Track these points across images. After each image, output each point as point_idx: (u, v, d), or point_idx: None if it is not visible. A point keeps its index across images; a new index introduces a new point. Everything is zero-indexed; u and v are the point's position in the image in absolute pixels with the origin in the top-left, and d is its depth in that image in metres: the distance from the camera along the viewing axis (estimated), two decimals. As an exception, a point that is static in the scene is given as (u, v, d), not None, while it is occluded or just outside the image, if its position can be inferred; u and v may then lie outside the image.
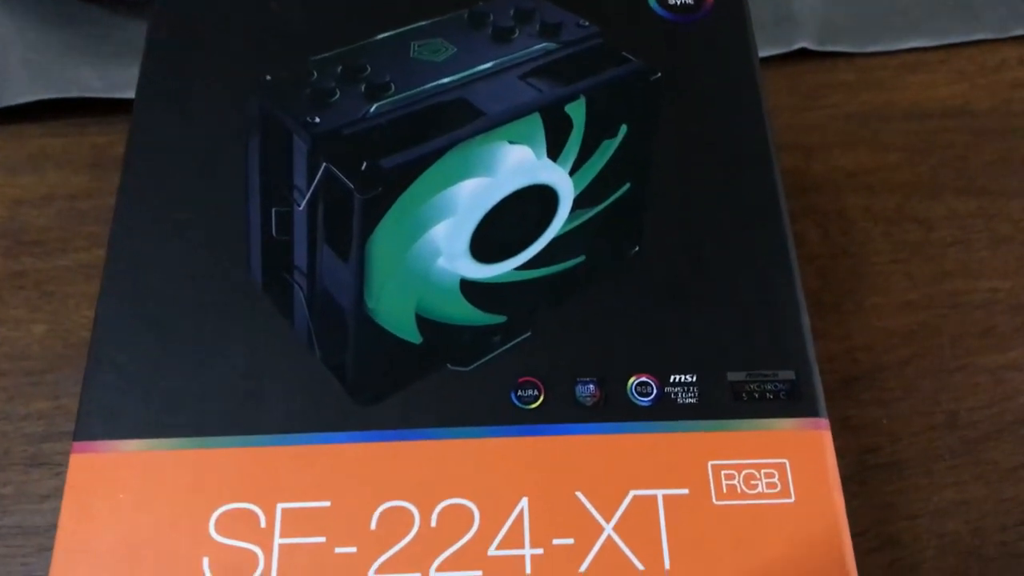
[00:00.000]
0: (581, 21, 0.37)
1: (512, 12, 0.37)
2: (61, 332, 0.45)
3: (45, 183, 0.49)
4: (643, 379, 0.32)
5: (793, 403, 0.31)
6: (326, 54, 0.36)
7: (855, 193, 0.47)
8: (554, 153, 0.35)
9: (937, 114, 0.50)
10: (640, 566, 0.29)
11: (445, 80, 0.35)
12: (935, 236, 0.46)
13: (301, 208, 0.33)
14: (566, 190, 0.34)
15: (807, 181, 0.47)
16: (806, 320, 0.33)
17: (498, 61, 0.36)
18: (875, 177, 0.48)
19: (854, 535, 0.33)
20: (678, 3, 0.39)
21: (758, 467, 0.30)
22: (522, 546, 0.29)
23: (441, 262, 0.33)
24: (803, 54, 0.52)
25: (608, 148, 0.35)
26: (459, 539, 0.29)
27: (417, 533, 0.29)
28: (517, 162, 0.34)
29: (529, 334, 0.32)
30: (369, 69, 0.35)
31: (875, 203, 0.47)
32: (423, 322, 0.33)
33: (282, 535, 0.29)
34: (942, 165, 0.48)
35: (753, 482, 0.30)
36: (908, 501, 0.39)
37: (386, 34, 0.37)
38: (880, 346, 0.42)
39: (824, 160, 0.48)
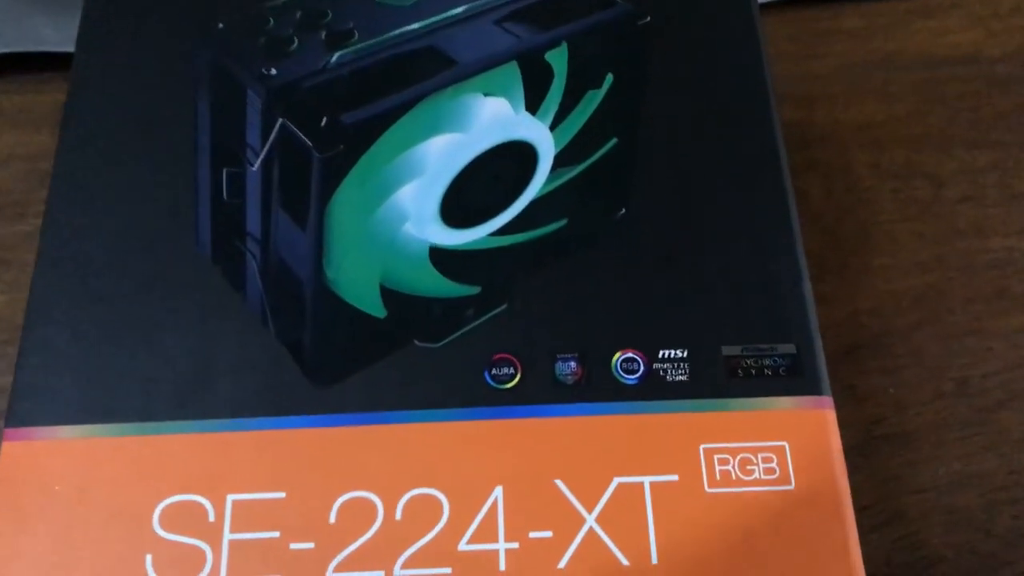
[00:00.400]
0: (563, -40, 0.35)
1: (487, -49, 0.34)
2: (20, 302, 0.41)
3: (2, 143, 0.46)
4: (629, 355, 0.30)
5: (793, 379, 0.29)
6: (284, -1, 0.34)
7: (861, 147, 0.45)
8: (533, 106, 0.33)
9: (949, 62, 0.48)
10: (625, 561, 0.27)
11: (413, 26, 0.33)
12: (946, 192, 0.44)
13: (255, 169, 0.31)
14: (546, 147, 0.33)
15: (810, 135, 0.45)
16: (808, 288, 0.31)
17: (471, 5, 0.33)
18: (882, 130, 0.46)
19: (858, 510, 0.32)
20: (670, -59, 0.36)
21: (755, 451, 0.28)
22: (496, 540, 0.27)
23: (408, 228, 0.31)
24: (806, -1, 0.48)
25: (592, 100, 0.33)
26: (427, 533, 0.27)
27: (380, 527, 0.27)
28: (492, 116, 0.32)
29: (505, 307, 0.30)
30: (330, 15, 0.33)
31: (882, 158, 0.45)
32: (388, 294, 0.31)
33: (232, 530, 0.27)
34: (954, 117, 0.46)
35: (749, 467, 0.28)
36: (915, 474, 0.37)
37: (350, -24, 0.34)
38: (887, 310, 0.41)
39: (828, 112, 0.46)
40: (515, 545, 0.27)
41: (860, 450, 0.38)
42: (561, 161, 0.33)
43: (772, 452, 0.28)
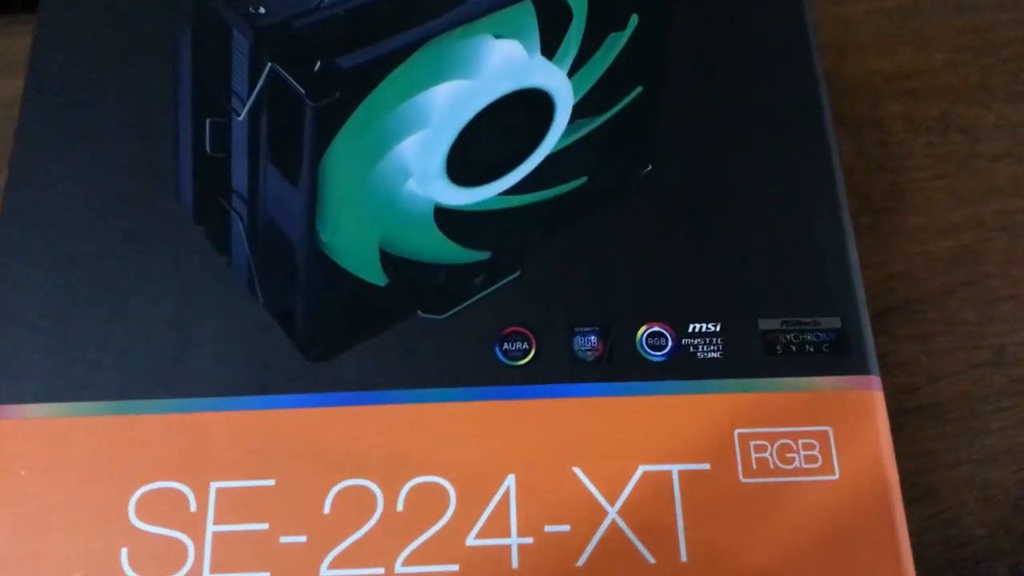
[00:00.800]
0: None
1: None
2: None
3: (-24, 90, 0.43)
4: (655, 329, 0.28)
5: (838, 357, 0.27)
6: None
7: (894, 99, 0.43)
8: (550, 50, 0.30)
9: (989, 7, 0.45)
10: (651, 558, 0.25)
11: (417, -39, 0.31)
12: (984, 148, 0.42)
13: (241, 118, 0.29)
14: (564, 95, 0.30)
15: (840, 86, 0.43)
16: (854, 255, 0.29)
17: (482, -62, 0.32)
18: (917, 81, 0.44)
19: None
20: None
21: (795, 436, 0.26)
22: (508, 534, 0.25)
23: (411, 185, 0.29)
24: (837, -62, 0.47)
25: (615, 43, 0.31)
26: (431, 526, 0.25)
27: (380, 519, 0.25)
28: (504, 61, 0.30)
29: (517, 275, 0.29)
30: (325, -53, 0.32)
31: (917, 111, 0.43)
32: (388, 259, 0.29)
33: (216, 521, 0.25)
34: (994, 67, 0.44)
35: (789, 455, 0.26)
36: (949, 448, 0.36)
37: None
38: (920, 273, 0.39)
39: (859, 61, 0.44)
40: (529, 540, 0.25)
41: (890, 422, 0.35)
42: (580, 112, 0.31)
43: (814, 438, 0.26)
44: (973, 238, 0.40)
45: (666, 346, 0.27)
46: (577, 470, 0.26)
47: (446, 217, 0.29)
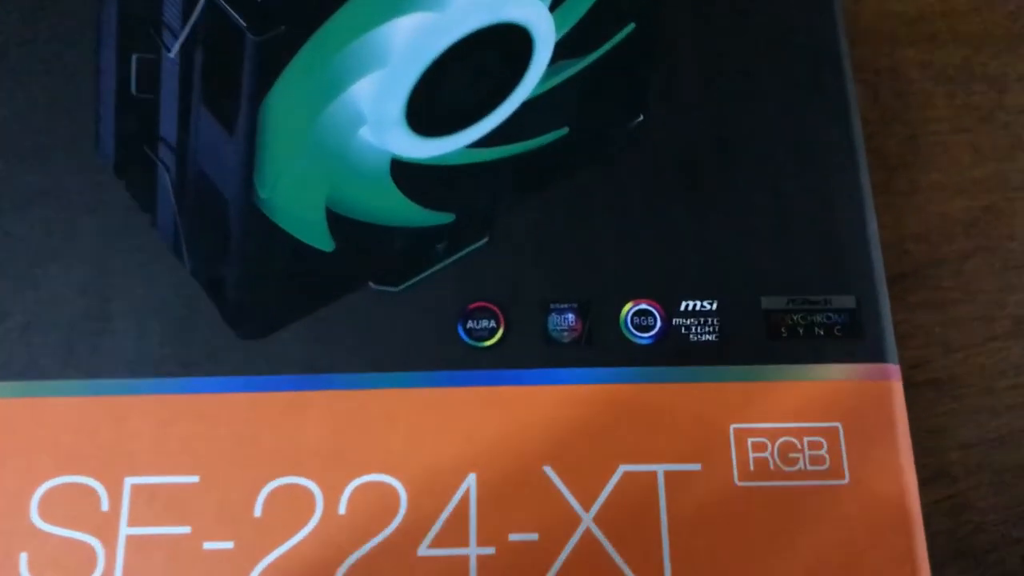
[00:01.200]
0: None
1: None
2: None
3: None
4: (642, 306, 0.25)
5: (852, 341, 0.25)
6: None
7: (912, 45, 0.40)
8: None
9: None
10: (629, 572, 0.22)
11: None
12: (1009, 100, 0.39)
13: (172, 55, 0.26)
14: (544, 32, 0.28)
15: (854, 30, 0.40)
16: (873, 224, 0.26)
17: None
18: (937, 25, 0.41)
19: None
20: None
21: (800, 433, 0.23)
22: (466, 543, 0.23)
23: (365, 134, 0.26)
24: None
25: None
26: (378, 532, 0.22)
27: (319, 523, 0.23)
28: None
29: (485, 241, 0.26)
30: None
31: (936, 58, 0.40)
32: (337, 221, 0.26)
33: (131, 522, 0.23)
34: (1022, 11, 0.41)
35: (792, 455, 0.23)
36: (961, 426, 0.34)
37: None
38: (936, 236, 0.37)
39: (876, 2, 0.41)
40: (490, 551, 0.22)
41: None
42: (563, 51, 0.28)
43: (822, 436, 0.24)
44: (995, 198, 0.38)
45: (654, 327, 0.25)
46: (548, 470, 0.23)
47: (404, 172, 0.27)
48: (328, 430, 0.23)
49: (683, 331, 0.25)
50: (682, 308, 0.25)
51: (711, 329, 0.25)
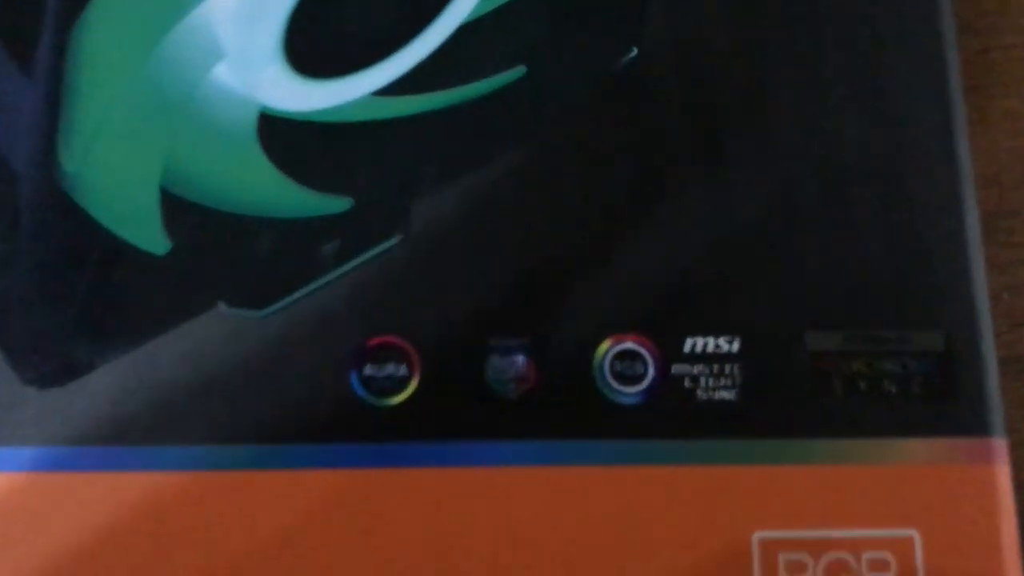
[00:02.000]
0: None
1: None
2: None
3: None
4: (628, 345, 0.17)
5: (938, 403, 0.17)
6: None
7: None
8: None
9: None
10: None
11: None
12: None
13: None
14: None
15: None
16: (975, 231, 0.18)
17: None
18: None
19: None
20: None
21: (856, 547, 0.16)
22: None
23: (221, 75, 0.18)
24: None
25: None
26: None
27: None
28: None
29: (397, 240, 0.18)
30: None
31: None
32: (176, 208, 0.18)
33: None
34: None
35: None
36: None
37: None
38: (1008, 178, 0.31)
39: None
40: None
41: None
42: None
43: (889, 550, 0.16)
44: (1085, 132, 0.35)
45: (644, 376, 0.17)
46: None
47: (279, 132, 0.19)
48: (148, 524, 0.15)
49: (687, 384, 0.17)
50: (686, 349, 0.18)
51: (729, 382, 0.17)
